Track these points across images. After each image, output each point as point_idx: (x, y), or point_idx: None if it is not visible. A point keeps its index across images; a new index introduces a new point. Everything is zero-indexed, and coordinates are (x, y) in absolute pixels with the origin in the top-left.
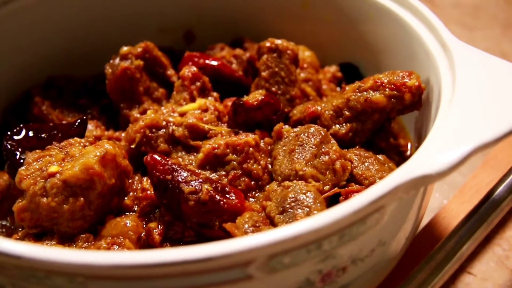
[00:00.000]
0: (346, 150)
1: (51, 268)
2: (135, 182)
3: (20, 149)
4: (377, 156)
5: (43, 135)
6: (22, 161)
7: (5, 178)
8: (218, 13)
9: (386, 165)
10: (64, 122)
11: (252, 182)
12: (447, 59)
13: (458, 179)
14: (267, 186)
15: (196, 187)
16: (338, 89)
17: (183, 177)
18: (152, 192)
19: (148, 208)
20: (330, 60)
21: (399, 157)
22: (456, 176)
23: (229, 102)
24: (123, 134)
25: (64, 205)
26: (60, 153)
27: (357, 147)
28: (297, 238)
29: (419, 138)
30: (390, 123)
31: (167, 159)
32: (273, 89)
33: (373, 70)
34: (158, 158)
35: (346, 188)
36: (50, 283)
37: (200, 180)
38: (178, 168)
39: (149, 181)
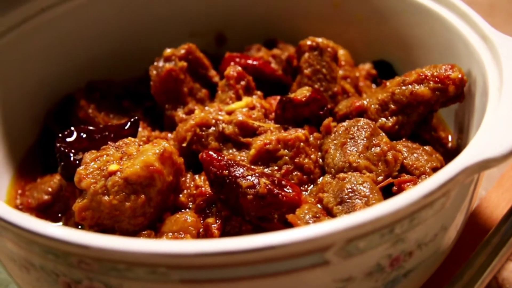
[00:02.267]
0: (394, 142)
1: (134, 259)
2: (188, 179)
3: (73, 151)
4: (424, 147)
5: (95, 136)
6: (77, 162)
7: (56, 180)
8: (248, 15)
9: (433, 155)
10: (110, 123)
11: (304, 176)
12: (489, 50)
13: (493, 172)
14: (320, 179)
15: (254, 181)
16: (373, 86)
17: (240, 172)
18: (207, 188)
19: (204, 204)
20: (362, 58)
21: (443, 149)
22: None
23: (272, 100)
24: (169, 135)
25: (126, 203)
26: (117, 153)
27: (403, 139)
28: (375, 222)
29: (461, 130)
30: (433, 116)
31: (223, 155)
32: (316, 86)
33: (406, 66)
34: (214, 155)
35: (399, 178)
36: (131, 275)
37: (257, 174)
38: (234, 164)
39: (202, 178)
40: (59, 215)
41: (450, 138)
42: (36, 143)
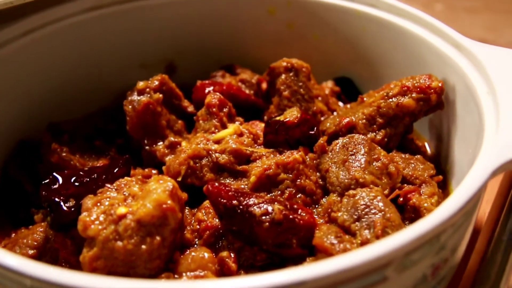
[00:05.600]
0: (390, 154)
1: None
2: (188, 215)
3: (62, 198)
4: (415, 157)
5: (83, 180)
6: (72, 209)
7: (39, 232)
8: (199, 43)
9: (426, 164)
10: (90, 166)
11: (307, 198)
12: (465, 57)
13: None
14: (323, 200)
15: (268, 209)
16: (340, 103)
17: (251, 201)
18: (211, 222)
19: (212, 238)
20: (321, 76)
21: (424, 156)
22: None
23: (253, 125)
24: (153, 171)
25: (142, 246)
26: (119, 194)
27: (394, 151)
28: (431, 232)
29: (439, 137)
30: (413, 126)
31: (229, 185)
32: (296, 107)
33: (368, 81)
34: (221, 186)
35: (402, 189)
36: None
37: (267, 201)
38: (242, 193)
39: (203, 212)
40: None
41: (427, 145)
42: None
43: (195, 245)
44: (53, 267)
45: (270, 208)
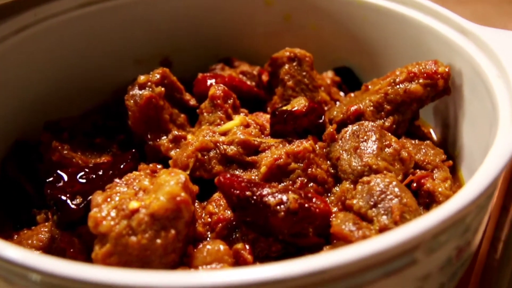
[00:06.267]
0: (400, 140)
1: None
2: (198, 208)
3: (68, 195)
4: (425, 142)
5: (89, 177)
6: (80, 207)
7: (44, 232)
8: (195, 37)
9: (436, 149)
10: (94, 163)
11: (319, 187)
12: (472, 42)
13: None
14: (335, 189)
15: (283, 198)
16: (341, 93)
17: (265, 191)
18: (223, 214)
19: (225, 231)
20: (320, 67)
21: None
22: None
23: (259, 116)
24: (158, 166)
25: (157, 240)
26: (129, 189)
27: (403, 137)
28: (459, 213)
29: (445, 123)
30: (419, 113)
31: (241, 176)
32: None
33: (368, 70)
34: (233, 177)
35: (416, 175)
36: None
37: (281, 190)
38: (255, 183)
39: (213, 204)
40: None
41: (432, 132)
42: None
43: (208, 239)
44: (65, 261)
45: (284, 198)
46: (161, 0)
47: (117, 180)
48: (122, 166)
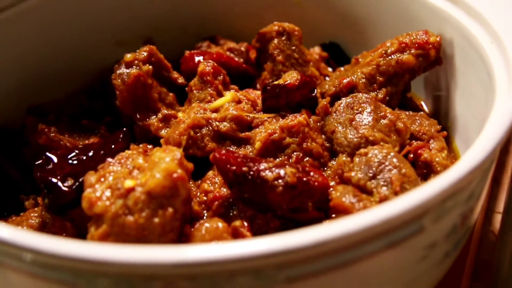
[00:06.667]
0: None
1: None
2: (192, 187)
3: (59, 177)
4: (419, 113)
5: (78, 158)
6: (72, 188)
7: (34, 217)
8: (176, 17)
9: (430, 120)
10: (82, 144)
11: (315, 161)
12: (463, 11)
13: None
14: (331, 162)
15: (280, 172)
16: (329, 69)
17: (261, 166)
18: (219, 192)
19: (222, 209)
20: (306, 43)
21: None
22: None
23: (250, 92)
24: (149, 146)
25: (155, 219)
26: (123, 168)
27: (396, 109)
28: (466, 177)
29: (436, 94)
30: (410, 85)
31: (237, 152)
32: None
33: (355, 45)
34: (228, 153)
35: (412, 145)
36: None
37: (278, 165)
38: (251, 158)
39: (208, 182)
40: None
41: (423, 104)
42: None
43: (204, 217)
44: (60, 238)
45: (282, 172)
46: None
47: (109, 159)
48: (113, 146)
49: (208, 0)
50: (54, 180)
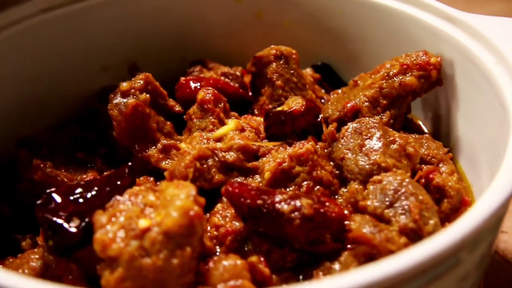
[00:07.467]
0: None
1: None
2: None
3: (64, 218)
4: (424, 136)
5: (82, 196)
6: (80, 229)
7: (35, 260)
8: (162, 40)
9: (436, 142)
10: (79, 180)
11: (326, 190)
12: (462, 30)
13: None
14: (342, 190)
15: (296, 204)
16: (322, 90)
17: (276, 198)
18: (231, 226)
19: (235, 243)
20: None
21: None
22: None
23: (253, 120)
24: (150, 179)
25: (173, 260)
26: (134, 206)
27: (401, 132)
28: (502, 205)
29: (436, 114)
30: (410, 106)
31: (249, 184)
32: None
33: (348, 65)
34: (241, 185)
35: (422, 170)
36: None
37: (293, 196)
38: (264, 190)
39: (218, 216)
40: None
41: (421, 124)
42: None
43: (217, 253)
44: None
45: (298, 204)
46: (122, 3)
47: (118, 197)
48: (119, 182)
49: (194, 21)
50: (60, 221)
